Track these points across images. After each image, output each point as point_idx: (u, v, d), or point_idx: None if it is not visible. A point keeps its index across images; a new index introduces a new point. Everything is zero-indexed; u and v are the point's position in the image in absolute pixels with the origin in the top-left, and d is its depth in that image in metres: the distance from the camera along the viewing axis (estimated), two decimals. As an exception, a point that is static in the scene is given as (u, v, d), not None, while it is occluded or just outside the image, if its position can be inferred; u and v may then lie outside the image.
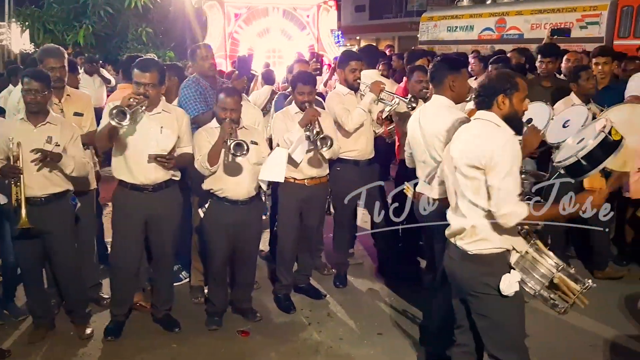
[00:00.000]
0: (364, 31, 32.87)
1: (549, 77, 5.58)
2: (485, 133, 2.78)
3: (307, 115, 4.26)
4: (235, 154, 3.81)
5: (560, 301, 2.84)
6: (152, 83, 3.82)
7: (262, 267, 5.24)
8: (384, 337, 4.20)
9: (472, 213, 2.82)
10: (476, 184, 2.76)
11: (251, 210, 4.18)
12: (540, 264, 2.81)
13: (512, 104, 2.79)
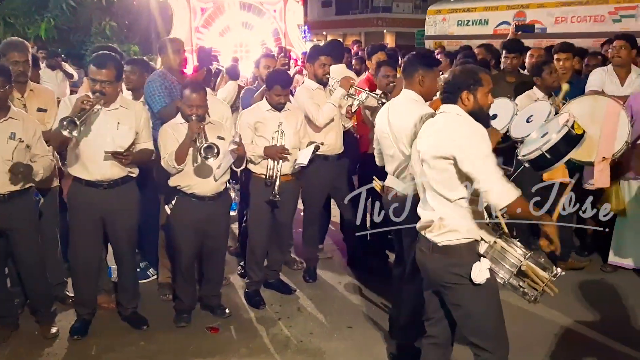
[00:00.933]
0: (330, 26, 32.94)
1: (513, 72, 5.68)
2: (450, 124, 2.82)
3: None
4: (206, 157, 3.76)
5: (529, 289, 2.86)
6: (108, 80, 3.73)
7: (231, 263, 5.21)
8: (354, 330, 4.23)
9: (439, 205, 2.85)
10: (446, 175, 2.79)
11: (219, 206, 4.16)
12: (508, 253, 2.84)
13: (476, 99, 2.82)
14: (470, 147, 2.70)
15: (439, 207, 2.86)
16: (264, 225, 4.55)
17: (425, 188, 2.94)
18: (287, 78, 4.65)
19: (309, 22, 20.22)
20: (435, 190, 2.85)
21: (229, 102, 5.28)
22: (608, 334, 4.13)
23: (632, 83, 5.34)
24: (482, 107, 2.85)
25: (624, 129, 4.31)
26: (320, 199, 5.05)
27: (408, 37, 26.11)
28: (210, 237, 4.18)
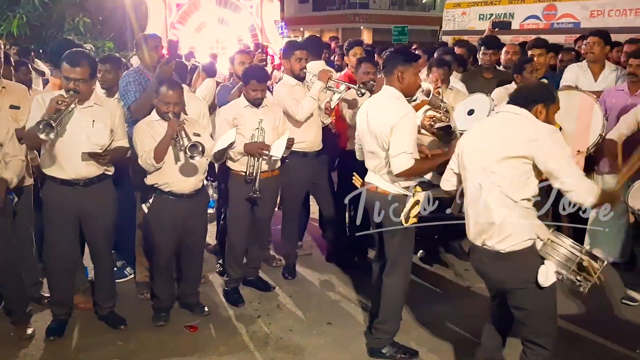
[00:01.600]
0: (307, 22, 32.91)
1: (491, 68, 5.73)
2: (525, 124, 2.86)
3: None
4: (192, 156, 3.73)
5: (584, 282, 2.92)
6: (82, 78, 3.67)
7: (210, 260, 5.18)
8: (333, 326, 4.24)
9: (500, 207, 2.85)
10: (514, 173, 2.80)
11: (197, 204, 4.13)
12: (562, 248, 2.88)
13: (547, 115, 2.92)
14: (551, 146, 2.76)
15: (500, 209, 2.85)
16: (242, 222, 4.52)
17: (482, 187, 2.91)
18: (263, 72, 4.63)
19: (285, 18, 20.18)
20: (502, 190, 2.84)
21: (208, 100, 5.24)
22: (584, 326, 4.21)
23: (605, 78, 5.42)
24: (549, 122, 2.93)
25: (597, 123, 4.38)
26: (299, 195, 5.05)
27: (385, 34, 26.19)
28: (188, 235, 4.15)
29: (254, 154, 4.29)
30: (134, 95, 4.32)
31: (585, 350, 3.91)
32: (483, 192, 2.89)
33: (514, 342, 3.33)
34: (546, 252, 2.86)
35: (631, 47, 5.70)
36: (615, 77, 5.39)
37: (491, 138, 2.90)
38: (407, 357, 3.79)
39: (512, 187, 2.81)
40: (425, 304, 4.54)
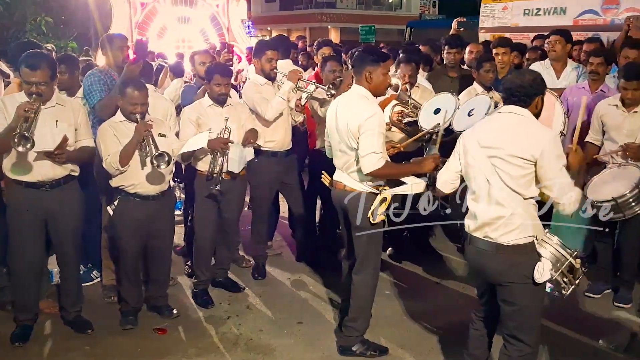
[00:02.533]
0: (275, 22, 32.84)
1: (455, 67, 5.81)
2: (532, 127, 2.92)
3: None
4: (159, 165, 3.70)
5: (568, 284, 2.98)
6: (43, 81, 3.62)
7: (178, 262, 5.13)
8: (304, 325, 4.24)
9: (511, 202, 2.87)
10: (523, 173, 2.84)
11: (163, 205, 4.09)
12: (554, 249, 2.93)
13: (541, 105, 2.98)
14: (554, 154, 2.82)
15: (511, 203, 2.87)
16: (209, 223, 4.50)
17: (490, 183, 2.92)
18: (226, 67, 4.63)
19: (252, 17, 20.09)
20: (509, 186, 2.86)
21: (176, 101, 5.19)
22: (549, 318, 4.27)
23: (567, 76, 5.55)
24: (540, 113, 3.02)
25: (559, 120, 4.48)
26: (268, 195, 5.04)
27: (352, 33, 26.29)
28: (154, 237, 4.11)
29: (217, 150, 4.25)
30: (98, 95, 4.26)
31: (550, 342, 3.97)
32: (492, 189, 2.91)
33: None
34: (539, 251, 2.91)
35: (590, 45, 5.84)
36: (577, 75, 5.52)
37: (499, 136, 2.93)
38: (377, 354, 3.81)
39: (521, 185, 2.86)
40: (395, 300, 4.58)
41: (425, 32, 19.07)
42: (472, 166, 3.02)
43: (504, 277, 2.95)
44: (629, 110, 4.42)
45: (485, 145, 2.94)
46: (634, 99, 4.36)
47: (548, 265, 2.87)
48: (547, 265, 2.87)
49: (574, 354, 3.86)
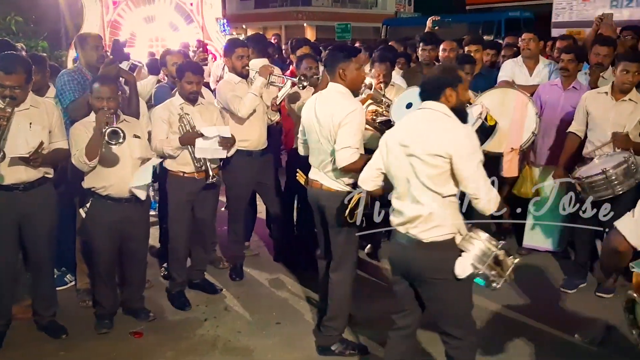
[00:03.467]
0: (250, 20, 32.68)
1: (430, 64, 5.83)
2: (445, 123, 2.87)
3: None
4: (110, 142, 3.61)
5: (497, 278, 2.93)
6: (18, 85, 3.56)
7: (154, 264, 5.08)
8: (282, 326, 4.23)
9: (429, 200, 2.85)
10: (439, 171, 2.81)
11: (137, 207, 4.03)
12: (480, 242, 2.90)
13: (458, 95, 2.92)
14: (467, 150, 2.78)
15: (429, 202, 2.86)
16: (183, 223, 4.46)
17: (409, 182, 2.91)
18: (197, 65, 4.59)
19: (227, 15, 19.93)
20: (427, 185, 2.84)
21: (145, 96, 5.12)
22: (525, 313, 4.34)
23: (539, 73, 5.63)
24: (463, 102, 2.97)
25: (531, 121, 4.53)
26: (245, 195, 5.00)
27: (328, 31, 26.29)
28: (129, 239, 4.06)
29: (190, 143, 4.21)
30: (72, 95, 4.20)
31: (526, 336, 4.02)
32: (411, 187, 2.89)
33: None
34: (465, 247, 2.90)
35: (563, 43, 5.93)
36: (549, 72, 5.59)
37: (415, 134, 2.90)
38: (356, 353, 3.82)
39: (438, 183, 2.83)
40: (373, 299, 4.58)
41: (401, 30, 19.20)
42: (393, 165, 3.01)
43: (426, 273, 2.95)
44: (617, 99, 4.44)
45: (404, 144, 2.93)
46: (633, 82, 4.36)
47: (468, 260, 2.86)
48: (467, 259, 2.85)
49: (550, 348, 3.90)
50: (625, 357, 3.64)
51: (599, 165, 4.21)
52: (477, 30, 17.11)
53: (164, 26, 10.01)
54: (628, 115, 4.39)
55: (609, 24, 5.74)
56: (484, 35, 12.10)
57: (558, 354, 3.85)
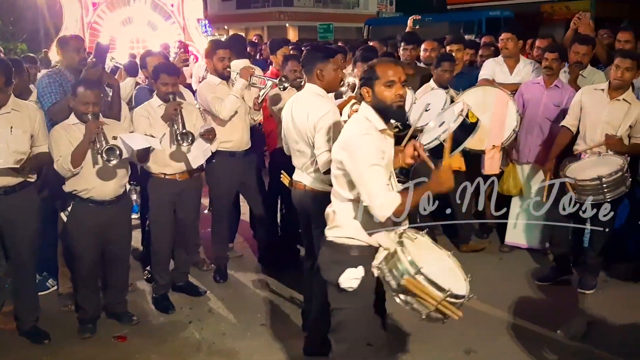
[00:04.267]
0: (232, 20, 32.60)
1: (411, 64, 5.85)
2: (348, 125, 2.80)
3: (169, 110, 4.12)
4: (109, 159, 3.60)
5: (420, 306, 2.64)
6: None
7: (137, 267, 5.03)
8: (267, 327, 4.21)
9: (335, 199, 2.85)
10: (339, 174, 2.77)
11: (119, 210, 4.00)
12: (402, 264, 2.63)
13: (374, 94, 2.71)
14: (354, 155, 2.63)
15: (335, 201, 2.85)
16: (166, 225, 4.43)
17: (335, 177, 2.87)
18: (172, 67, 4.58)
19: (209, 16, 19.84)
20: (335, 184, 2.84)
21: (125, 98, 5.08)
22: (508, 310, 4.38)
23: (520, 71, 5.67)
24: (383, 101, 2.69)
25: (512, 118, 4.57)
26: (228, 196, 4.98)
27: (311, 31, 26.32)
28: (111, 242, 4.03)
29: (171, 116, 4.16)
30: (53, 97, 4.16)
31: (510, 333, 4.06)
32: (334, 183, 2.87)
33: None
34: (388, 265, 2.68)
35: (543, 42, 5.98)
36: (529, 70, 5.64)
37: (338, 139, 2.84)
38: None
39: (340, 185, 2.78)
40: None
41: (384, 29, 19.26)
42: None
43: (323, 272, 2.91)
44: (612, 97, 4.47)
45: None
46: (623, 79, 4.38)
47: (360, 273, 2.70)
48: (357, 273, 2.70)
49: (534, 344, 3.93)
50: (606, 351, 3.69)
51: (591, 168, 4.23)
52: (458, 30, 17.23)
53: (142, 27, 9.95)
54: (621, 116, 4.42)
55: (586, 23, 5.81)
56: (465, 34, 12.21)
57: (542, 349, 3.87)
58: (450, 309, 2.62)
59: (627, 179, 4.17)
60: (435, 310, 2.61)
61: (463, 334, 3.96)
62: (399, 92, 2.68)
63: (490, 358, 3.81)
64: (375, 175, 2.60)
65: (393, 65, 2.73)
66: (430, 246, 2.96)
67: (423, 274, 2.58)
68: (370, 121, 2.72)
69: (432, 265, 2.67)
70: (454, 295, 2.62)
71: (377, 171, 2.60)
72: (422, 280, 2.58)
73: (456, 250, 5.43)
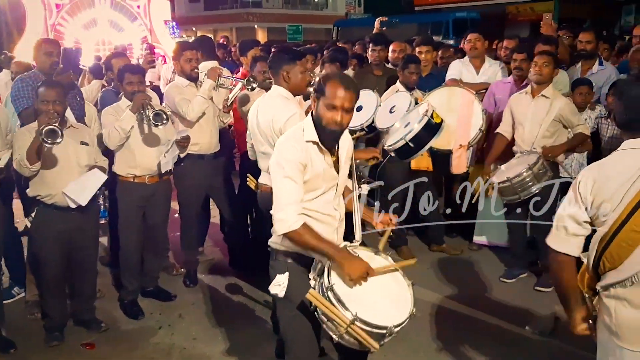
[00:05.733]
0: (200, 22, 32.36)
1: (380, 65, 5.89)
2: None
3: (137, 99, 4.09)
4: (45, 140, 3.43)
5: (333, 327, 2.41)
6: None
7: (105, 273, 4.97)
8: (239, 331, 4.19)
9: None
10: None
11: (85, 216, 3.92)
12: (323, 277, 2.47)
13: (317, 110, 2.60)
14: (274, 162, 2.59)
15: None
16: (134, 230, 4.38)
17: None
18: (135, 66, 4.56)
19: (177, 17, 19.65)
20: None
21: (91, 100, 5.02)
22: (477, 308, 4.43)
23: (486, 71, 5.77)
24: (321, 118, 2.56)
25: (477, 118, 4.65)
26: (197, 199, 4.94)
27: (280, 32, 26.27)
28: (77, 248, 3.96)
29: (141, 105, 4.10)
30: (26, 102, 4.11)
31: (479, 331, 4.11)
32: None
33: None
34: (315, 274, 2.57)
35: (511, 42, 6.07)
36: (496, 70, 5.73)
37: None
38: (314, 356, 3.79)
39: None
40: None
41: (353, 30, 19.35)
42: None
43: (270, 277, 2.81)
44: (534, 96, 4.60)
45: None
46: (542, 74, 4.51)
47: (283, 280, 2.62)
48: (282, 279, 2.63)
49: (503, 341, 3.99)
50: (574, 346, 3.76)
51: (513, 168, 4.37)
52: (426, 31, 17.41)
53: (106, 28, 9.82)
54: (543, 112, 4.56)
55: (549, 24, 5.92)
56: (432, 35, 12.33)
57: (511, 345, 3.94)
58: (363, 337, 2.37)
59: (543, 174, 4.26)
60: (347, 334, 2.38)
61: (434, 333, 4.00)
62: (336, 118, 2.54)
63: (461, 356, 3.84)
64: (285, 188, 2.51)
65: (343, 89, 2.53)
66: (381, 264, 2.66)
67: (332, 289, 2.40)
68: (304, 131, 2.63)
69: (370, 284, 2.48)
70: (366, 323, 2.35)
71: (288, 184, 2.51)
72: (331, 297, 2.39)
73: (427, 250, 5.50)
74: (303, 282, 2.62)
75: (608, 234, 2.12)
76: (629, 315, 2.14)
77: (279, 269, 2.69)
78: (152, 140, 4.27)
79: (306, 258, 2.65)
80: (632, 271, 2.10)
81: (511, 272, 4.95)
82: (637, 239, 2.07)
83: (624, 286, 2.13)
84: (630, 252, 2.09)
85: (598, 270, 2.21)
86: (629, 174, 2.08)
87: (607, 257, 2.15)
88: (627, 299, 2.13)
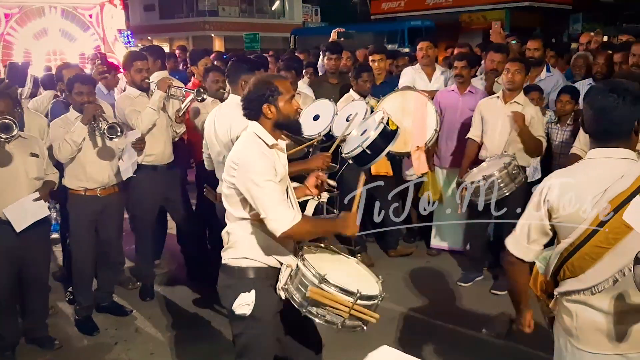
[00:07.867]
0: (156, 31, 31.94)
1: (336, 73, 5.93)
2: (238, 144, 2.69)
3: (88, 110, 3.97)
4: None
5: (333, 317, 2.52)
6: None
7: (57, 288, 4.83)
8: (198, 344, 4.13)
9: (227, 220, 2.72)
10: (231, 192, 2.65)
11: (35, 231, 3.80)
12: (306, 277, 2.53)
13: (279, 109, 2.63)
14: (247, 172, 2.53)
15: (228, 221, 2.72)
16: (87, 244, 4.29)
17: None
18: (85, 76, 4.48)
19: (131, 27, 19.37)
20: (227, 204, 2.69)
21: (41, 112, 4.89)
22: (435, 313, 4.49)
23: (438, 79, 5.90)
24: (287, 115, 2.65)
25: (432, 119, 4.73)
26: (151, 211, 4.84)
27: (237, 41, 26.18)
28: (28, 264, 3.84)
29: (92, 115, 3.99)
30: None
31: (438, 336, 4.15)
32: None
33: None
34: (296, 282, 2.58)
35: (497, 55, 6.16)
36: (445, 78, 5.85)
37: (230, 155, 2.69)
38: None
39: (231, 205, 2.66)
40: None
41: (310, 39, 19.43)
42: None
43: (222, 300, 2.76)
44: (506, 102, 4.68)
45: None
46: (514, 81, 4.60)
47: (250, 298, 2.59)
48: (249, 297, 2.60)
49: (461, 345, 4.04)
50: (528, 347, 3.83)
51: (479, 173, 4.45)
52: (382, 40, 17.62)
53: (57, 38, 9.60)
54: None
55: (498, 32, 6.08)
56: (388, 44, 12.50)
57: (470, 349, 3.98)
58: (365, 313, 2.55)
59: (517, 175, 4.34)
60: (349, 317, 2.52)
61: (390, 337, 4.03)
62: (296, 105, 2.72)
63: (419, 360, 3.87)
64: (269, 190, 2.51)
65: (285, 80, 2.77)
66: (334, 257, 2.87)
67: (327, 280, 2.49)
68: (260, 137, 2.63)
69: (337, 271, 2.60)
70: (366, 297, 2.53)
71: (270, 186, 2.52)
72: (327, 288, 2.49)
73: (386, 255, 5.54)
74: (271, 298, 2.63)
75: (573, 244, 2.12)
76: (591, 317, 2.15)
77: (242, 288, 2.64)
78: (104, 152, 4.19)
79: (272, 270, 2.65)
80: (593, 282, 2.11)
81: (467, 276, 5.03)
82: (601, 253, 2.07)
83: (584, 294, 2.15)
84: (593, 265, 2.10)
85: (557, 277, 2.23)
86: (598, 186, 2.07)
87: (569, 267, 2.16)
88: (589, 303, 2.15)
